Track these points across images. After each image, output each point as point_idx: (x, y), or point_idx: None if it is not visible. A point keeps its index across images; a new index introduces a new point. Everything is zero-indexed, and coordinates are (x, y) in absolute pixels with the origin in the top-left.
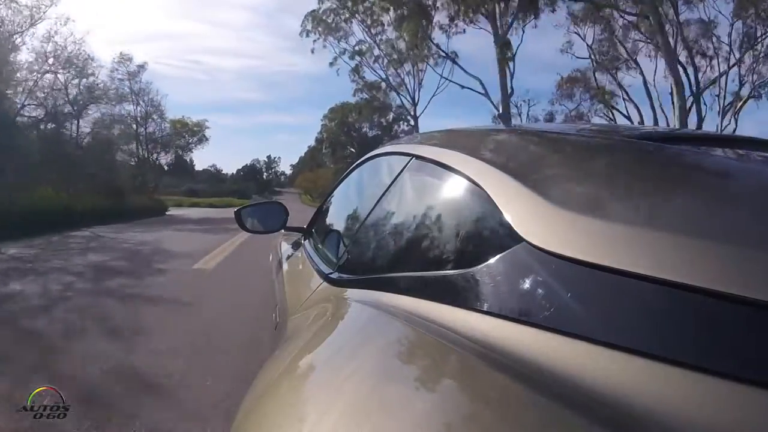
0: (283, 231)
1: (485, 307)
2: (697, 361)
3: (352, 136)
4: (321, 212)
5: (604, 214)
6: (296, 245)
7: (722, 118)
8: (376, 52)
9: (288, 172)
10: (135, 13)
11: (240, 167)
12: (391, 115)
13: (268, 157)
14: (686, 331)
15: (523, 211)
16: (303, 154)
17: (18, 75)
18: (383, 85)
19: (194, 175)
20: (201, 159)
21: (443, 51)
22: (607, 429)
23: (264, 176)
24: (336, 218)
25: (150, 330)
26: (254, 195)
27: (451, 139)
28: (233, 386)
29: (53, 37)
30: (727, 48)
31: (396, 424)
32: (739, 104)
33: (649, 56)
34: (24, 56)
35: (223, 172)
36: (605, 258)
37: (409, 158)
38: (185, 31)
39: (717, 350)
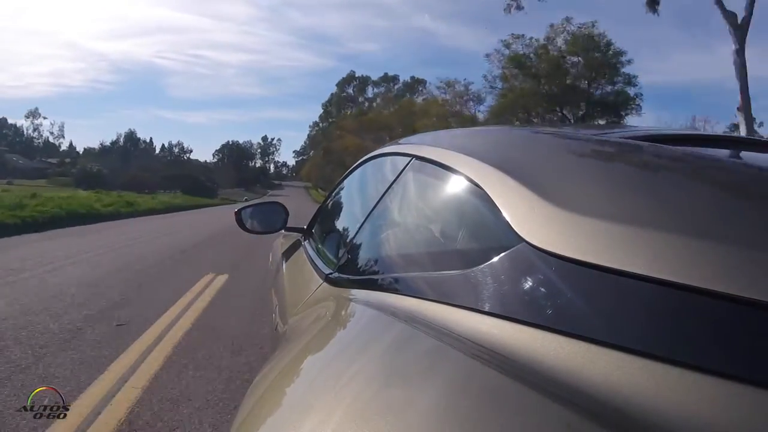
0: (283, 231)
1: (485, 307)
2: (697, 361)
3: None
4: (321, 212)
5: (603, 215)
6: (296, 245)
7: None
8: None
9: (291, 163)
10: (139, 7)
11: (217, 148)
12: None
13: (264, 138)
14: (686, 331)
15: (522, 212)
16: (318, 116)
17: None
18: None
19: (150, 158)
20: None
21: None
22: (607, 429)
23: (258, 163)
24: (336, 218)
25: None
26: (223, 190)
27: (451, 139)
28: None
29: None
30: None
31: (397, 424)
32: None
33: None
34: None
35: (188, 157)
36: (605, 258)
37: (409, 158)
38: (187, 25)
39: (717, 350)
